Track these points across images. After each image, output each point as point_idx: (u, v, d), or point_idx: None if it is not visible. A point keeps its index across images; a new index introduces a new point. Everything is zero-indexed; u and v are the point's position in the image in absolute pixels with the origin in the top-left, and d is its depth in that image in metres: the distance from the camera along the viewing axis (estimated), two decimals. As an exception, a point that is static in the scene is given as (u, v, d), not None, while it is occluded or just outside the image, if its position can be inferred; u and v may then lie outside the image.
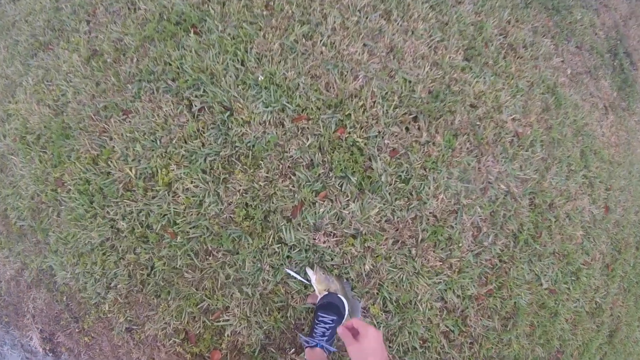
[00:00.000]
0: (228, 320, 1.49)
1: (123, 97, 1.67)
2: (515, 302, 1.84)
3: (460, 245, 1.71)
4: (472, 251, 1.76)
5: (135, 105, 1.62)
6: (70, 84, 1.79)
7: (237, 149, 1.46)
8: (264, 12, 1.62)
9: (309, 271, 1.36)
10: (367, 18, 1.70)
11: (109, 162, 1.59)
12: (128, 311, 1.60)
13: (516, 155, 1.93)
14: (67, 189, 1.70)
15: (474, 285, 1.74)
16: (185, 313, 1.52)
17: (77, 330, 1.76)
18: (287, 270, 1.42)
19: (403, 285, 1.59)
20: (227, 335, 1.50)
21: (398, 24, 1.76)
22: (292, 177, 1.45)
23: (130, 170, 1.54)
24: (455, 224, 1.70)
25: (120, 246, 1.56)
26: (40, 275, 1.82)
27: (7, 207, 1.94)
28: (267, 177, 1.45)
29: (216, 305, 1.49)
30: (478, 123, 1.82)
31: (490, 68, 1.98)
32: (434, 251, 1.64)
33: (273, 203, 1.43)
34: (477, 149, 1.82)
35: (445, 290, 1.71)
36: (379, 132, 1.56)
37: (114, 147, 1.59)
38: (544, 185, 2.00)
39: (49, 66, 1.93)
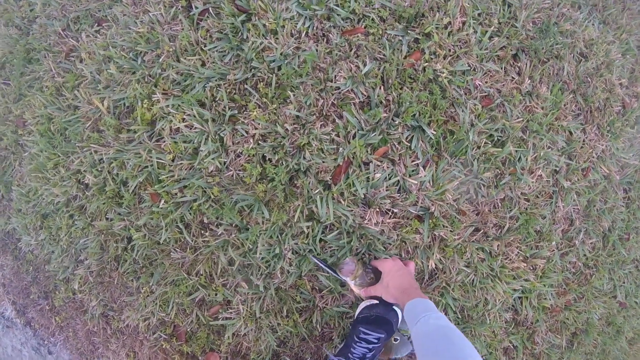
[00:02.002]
0: (230, 318, 0.91)
1: (100, 3, 1.01)
2: (588, 317, 1.23)
3: (551, 242, 1.06)
4: (559, 250, 1.12)
5: (113, 12, 0.96)
6: None
7: (254, 71, 0.81)
8: None
9: (346, 279, 0.75)
10: None
11: (76, 92, 0.96)
12: (102, 293, 1.03)
13: (622, 131, 1.23)
14: (29, 130, 1.09)
15: (552, 295, 1.11)
16: (173, 303, 0.94)
17: (47, 307, 1.21)
18: (313, 258, 0.80)
19: (474, 291, 0.96)
20: (228, 337, 0.93)
21: None
22: (338, 120, 0.80)
23: (101, 102, 0.91)
24: (549, 212, 1.04)
25: (90, 208, 0.96)
26: (5, 239, 1.26)
27: (-27, 156, 1.36)
28: (298, 117, 0.80)
29: (214, 297, 0.90)
30: (588, 80, 1.11)
31: (599, 13, 1.24)
32: (519, 247, 1.00)
33: (305, 159, 0.79)
34: (583, 114, 1.12)
35: (521, 298, 1.09)
36: (469, 66, 0.88)
37: (82, 70, 0.96)
38: None
39: (19, -26, 1.28)
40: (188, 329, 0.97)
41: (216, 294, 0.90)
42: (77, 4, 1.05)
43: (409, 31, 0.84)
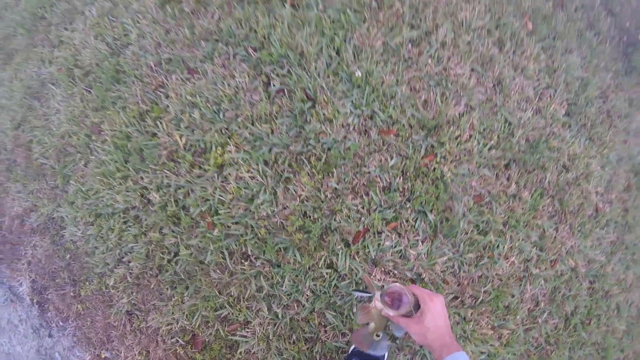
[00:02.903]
0: (246, 336, 1.21)
1: (192, 55, 1.40)
2: (545, 389, 1.57)
3: (516, 316, 1.43)
4: (524, 325, 1.49)
5: (204, 67, 1.34)
6: (137, 25, 1.52)
7: (310, 147, 1.19)
8: (372, 3, 1.34)
9: (388, 310, 0.65)
10: (480, 41, 1.42)
11: (158, 123, 1.32)
12: (135, 293, 1.33)
13: (591, 232, 1.65)
14: (103, 139, 1.42)
15: (513, 362, 1.46)
16: (199, 315, 1.24)
17: (71, 294, 1.48)
18: (356, 292, 0.99)
19: (447, 348, 1.31)
20: (240, 353, 1.23)
21: (509, 56, 1.48)
22: (365, 197, 1.17)
23: (180, 138, 1.27)
24: (518, 293, 1.42)
25: (146, 220, 1.28)
26: (48, 223, 1.55)
27: (33, 140, 1.67)
28: (336, 189, 1.17)
29: (237, 316, 1.21)
30: (566, 188, 1.54)
31: (587, 131, 1.70)
32: (489, 317, 1.36)
33: (335, 221, 1.15)
34: (557, 215, 1.54)
35: (486, 361, 1.43)
36: (469, 171, 1.28)
37: (168, 106, 1.32)
38: (606, 270, 1.73)
39: (117, 0, 1.67)
40: (206, 339, 1.26)
41: (239, 314, 1.21)
42: (171, 46, 1.44)
43: (428, 138, 1.25)
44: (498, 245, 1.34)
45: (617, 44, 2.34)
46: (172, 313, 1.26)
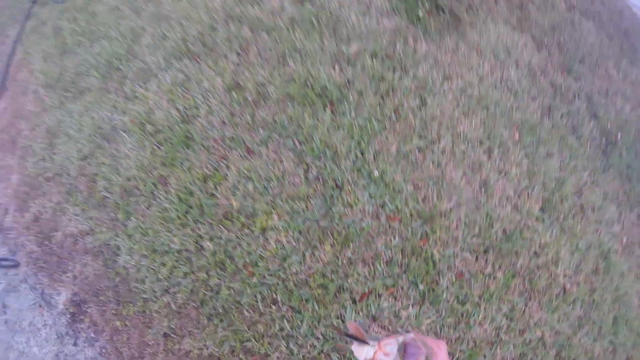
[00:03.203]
0: (263, 367, 1.65)
1: (251, 138, 1.96)
2: None
3: (485, 374, 1.87)
4: (491, 385, 1.92)
5: (260, 149, 1.90)
6: (207, 102, 2.10)
7: (334, 224, 1.71)
8: (392, 115, 1.95)
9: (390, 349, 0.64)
10: (473, 150, 2.01)
11: (218, 187, 1.85)
12: (175, 319, 1.77)
13: (558, 308, 2.12)
14: (168, 190, 1.95)
15: (480, 419, 1.87)
16: (227, 344, 1.69)
17: (113, 311, 1.90)
18: (346, 337, 1.50)
19: (424, 398, 1.74)
20: (255, 381, 1.66)
21: (496, 162, 2.06)
22: (371, 266, 1.68)
23: (235, 202, 1.80)
24: (489, 354, 1.88)
25: (196, 262, 1.77)
26: (102, 248, 2.01)
27: (98, 174, 2.18)
28: (350, 258, 1.68)
29: (259, 349, 1.66)
30: (536, 271, 2.05)
31: (559, 223, 2.24)
32: (461, 375, 1.81)
33: (347, 282, 1.64)
34: (527, 293, 2.03)
35: (455, 415, 1.85)
36: (454, 253, 1.80)
37: (227, 175, 1.86)
38: (573, 342, 2.17)
39: (190, 75, 2.27)
40: (230, 366, 1.69)
41: (261, 347, 1.66)
42: (234, 127, 2.00)
43: (424, 225, 1.78)
44: (474, 314, 1.81)
45: (598, 145, 2.96)
46: (205, 340, 1.70)
